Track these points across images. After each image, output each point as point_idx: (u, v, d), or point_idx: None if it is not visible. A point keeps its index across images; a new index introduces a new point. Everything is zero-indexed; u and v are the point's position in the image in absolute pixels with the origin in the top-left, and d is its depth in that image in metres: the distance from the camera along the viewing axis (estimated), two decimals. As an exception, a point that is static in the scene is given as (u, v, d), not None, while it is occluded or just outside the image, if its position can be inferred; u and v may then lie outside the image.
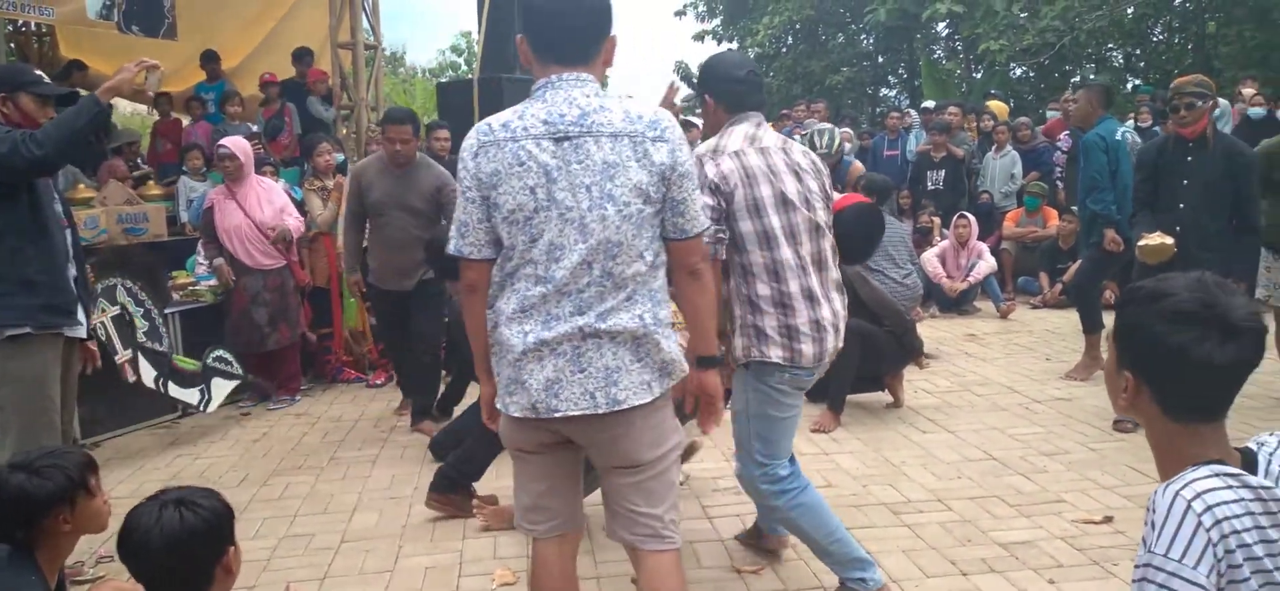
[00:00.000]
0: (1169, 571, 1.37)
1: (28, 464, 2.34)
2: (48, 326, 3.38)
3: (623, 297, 2.11)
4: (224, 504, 2.10)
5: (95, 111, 3.26)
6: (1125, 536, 3.57)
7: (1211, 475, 1.42)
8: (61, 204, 3.59)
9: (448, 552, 3.68)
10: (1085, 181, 5.94)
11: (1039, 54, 16.99)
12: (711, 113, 3.00)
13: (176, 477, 4.75)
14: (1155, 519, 1.42)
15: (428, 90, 26.36)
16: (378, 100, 10.80)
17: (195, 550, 2.00)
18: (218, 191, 6.10)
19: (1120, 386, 1.56)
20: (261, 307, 5.94)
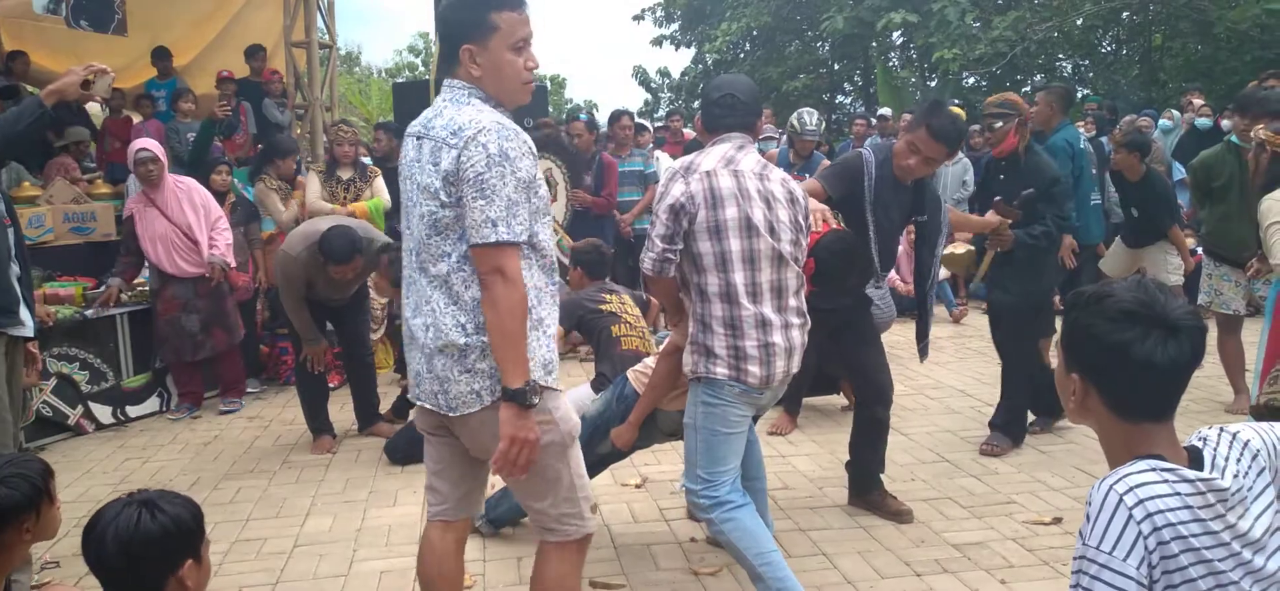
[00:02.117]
0: (1100, 563, 1.41)
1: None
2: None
3: (437, 299, 2.24)
4: (192, 516, 2.02)
5: (37, 113, 3.19)
6: (1074, 537, 3.63)
7: (1147, 469, 1.45)
8: (4, 202, 3.49)
9: (403, 556, 3.65)
10: None
11: (991, 63, 17.25)
12: (700, 134, 3.11)
13: (126, 482, 4.66)
14: (1090, 512, 1.46)
15: (384, 90, 26.10)
16: (333, 100, 10.71)
17: (146, 555, 1.94)
18: (136, 199, 5.89)
19: (1069, 389, 1.59)
20: (192, 315, 5.79)
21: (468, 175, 2.12)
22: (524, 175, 2.15)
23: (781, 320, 2.91)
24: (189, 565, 1.98)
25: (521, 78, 2.27)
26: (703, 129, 3.20)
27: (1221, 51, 15.07)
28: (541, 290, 2.24)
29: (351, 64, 32.96)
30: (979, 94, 19.25)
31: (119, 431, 5.67)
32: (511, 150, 2.13)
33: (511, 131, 2.16)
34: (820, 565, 3.47)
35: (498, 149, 2.12)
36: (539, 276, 2.24)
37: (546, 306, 2.26)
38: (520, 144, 2.16)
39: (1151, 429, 1.53)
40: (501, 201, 2.11)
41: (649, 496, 4.21)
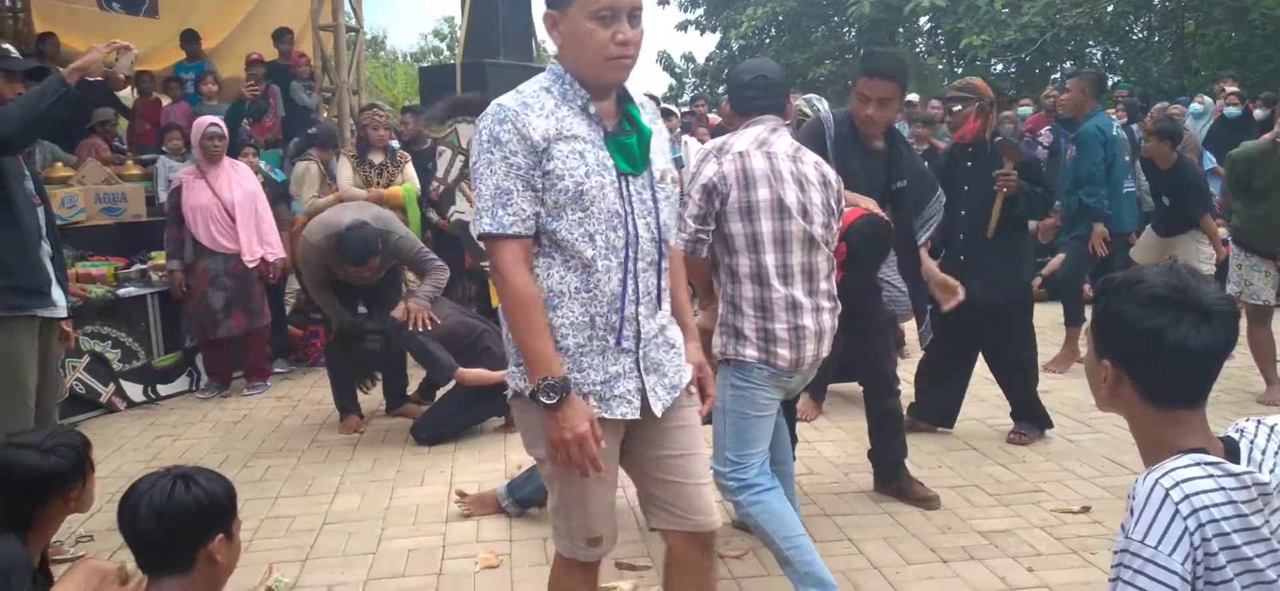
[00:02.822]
0: (1145, 557, 1.39)
1: (35, 444, 2.34)
2: (18, 308, 3.29)
3: None
4: (225, 492, 2.06)
5: (60, 92, 3.17)
6: (1103, 526, 3.62)
7: (1192, 463, 1.44)
8: (34, 182, 3.51)
9: (431, 535, 3.68)
10: (1078, 173, 5.97)
11: (1020, 50, 17.10)
12: (729, 118, 3.09)
13: (157, 459, 4.73)
14: (1134, 505, 1.44)
15: (409, 74, 26.21)
16: (359, 83, 10.76)
17: (178, 526, 1.98)
18: (188, 171, 6.00)
19: (1100, 376, 1.57)
20: (218, 292, 5.84)
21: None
22: (521, 163, 1.96)
23: (812, 303, 2.90)
24: (220, 539, 2.02)
25: (605, 51, 1.98)
26: (732, 113, 3.18)
27: (1256, 38, 14.86)
28: (561, 294, 2.02)
29: (377, 48, 33.10)
30: (1008, 80, 19.11)
31: (150, 409, 5.75)
32: (505, 134, 1.96)
33: (512, 113, 1.97)
34: (846, 550, 3.47)
35: (489, 135, 1.98)
36: (561, 276, 2.02)
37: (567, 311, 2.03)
38: (518, 130, 1.96)
39: (1184, 416, 1.52)
40: (488, 190, 1.98)
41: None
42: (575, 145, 2.00)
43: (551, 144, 1.97)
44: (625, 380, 2.07)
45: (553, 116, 2.00)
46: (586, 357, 2.04)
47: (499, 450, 4.72)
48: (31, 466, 2.29)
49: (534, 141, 1.96)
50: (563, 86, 2.04)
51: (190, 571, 2.01)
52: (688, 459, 2.23)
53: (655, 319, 2.11)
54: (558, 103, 2.02)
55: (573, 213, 1.99)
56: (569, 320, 2.02)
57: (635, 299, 2.05)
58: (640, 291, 2.06)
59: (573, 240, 2.00)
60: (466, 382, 4.82)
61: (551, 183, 1.97)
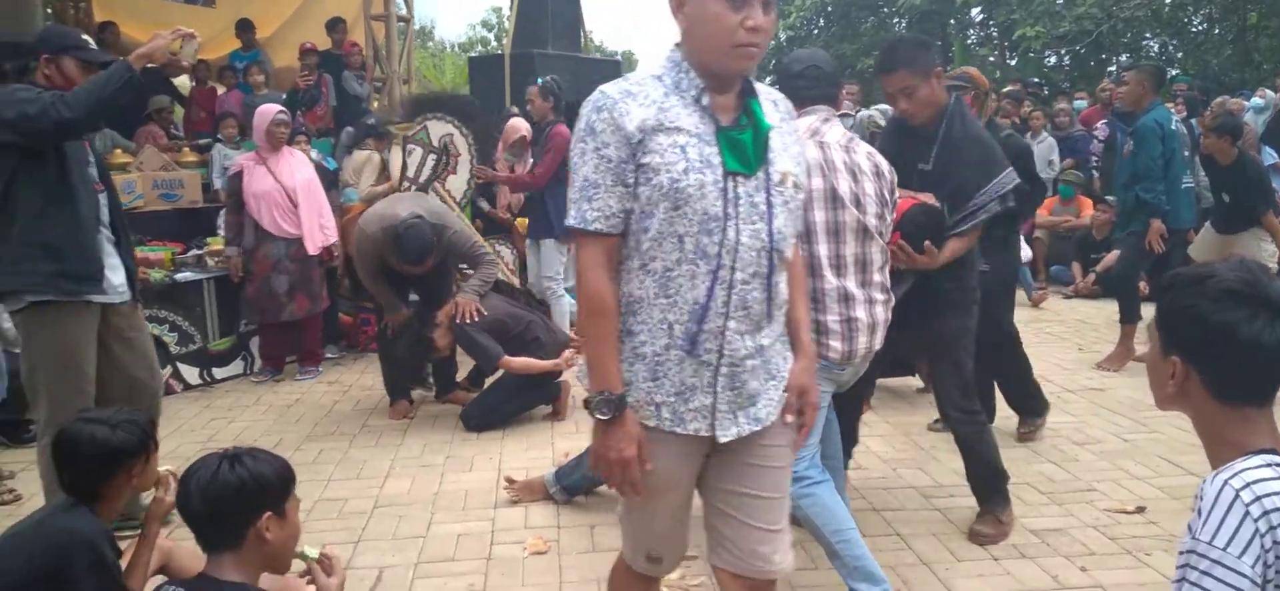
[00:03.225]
0: (1213, 559, 1.36)
1: (105, 420, 2.42)
2: (70, 294, 3.31)
3: None
4: (273, 473, 2.10)
5: (126, 77, 3.17)
6: (1158, 527, 3.55)
7: (1264, 464, 1.41)
8: (99, 168, 3.54)
9: (480, 521, 3.72)
10: (1136, 168, 5.85)
11: (1075, 41, 16.79)
12: None
13: (213, 440, 4.83)
14: (1202, 506, 1.41)
15: (457, 65, 26.40)
16: (409, 73, 10.87)
17: (221, 506, 2.05)
18: (248, 157, 6.09)
19: (1167, 373, 1.54)
20: (281, 276, 5.93)
21: None
22: (612, 155, 1.84)
23: (865, 295, 2.88)
24: (268, 518, 2.07)
25: (733, 38, 1.82)
26: None
27: (1322, 30, 14.44)
28: (641, 300, 1.90)
29: (425, 38, 33.40)
30: (1061, 73, 18.81)
31: (205, 392, 5.86)
32: (600, 124, 1.84)
33: (610, 102, 1.85)
34: (895, 545, 3.45)
35: (585, 123, 1.88)
36: (640, 281, 1.89)
37: (646, 316, 1.90)
38: (613, 120, 1.83)
39: (1253, 414, 1.49)
40: (577, 182, 1.88)
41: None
42: (677, 138, 1.84)
43: (649, 136, 1.83)
44: (701, 394, 1.92)
45: (657, 106, 1.86)
46: (664, 365, 1.91)
47: (546, 438, 4.75)
48: (100, 441, 2.36)
49: (628, 132, 1.82)
50: (677, 75, 1.89)
51: (241, 549, 2.07)
52: (761, 501, 2.07)
53: (754, 338, 1.93)
54: (667, 92, 1.88)
55: (664, 211, 1.84)
56: (648, 326, 1.90)
57: (725, 311, 1.88)
58: (733, 304, 1.88)
59: (659, 240, 1.86)
60: (513, 371, 4.87)
61: (646, 177, 1.83)
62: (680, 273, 1.86)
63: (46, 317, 3.31)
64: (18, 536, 2.31)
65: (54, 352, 3.32)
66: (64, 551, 2.20)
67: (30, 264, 3.25)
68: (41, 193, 3.26)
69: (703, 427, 1.94)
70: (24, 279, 3.27)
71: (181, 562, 2.58)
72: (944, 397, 3.53)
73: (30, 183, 3.24)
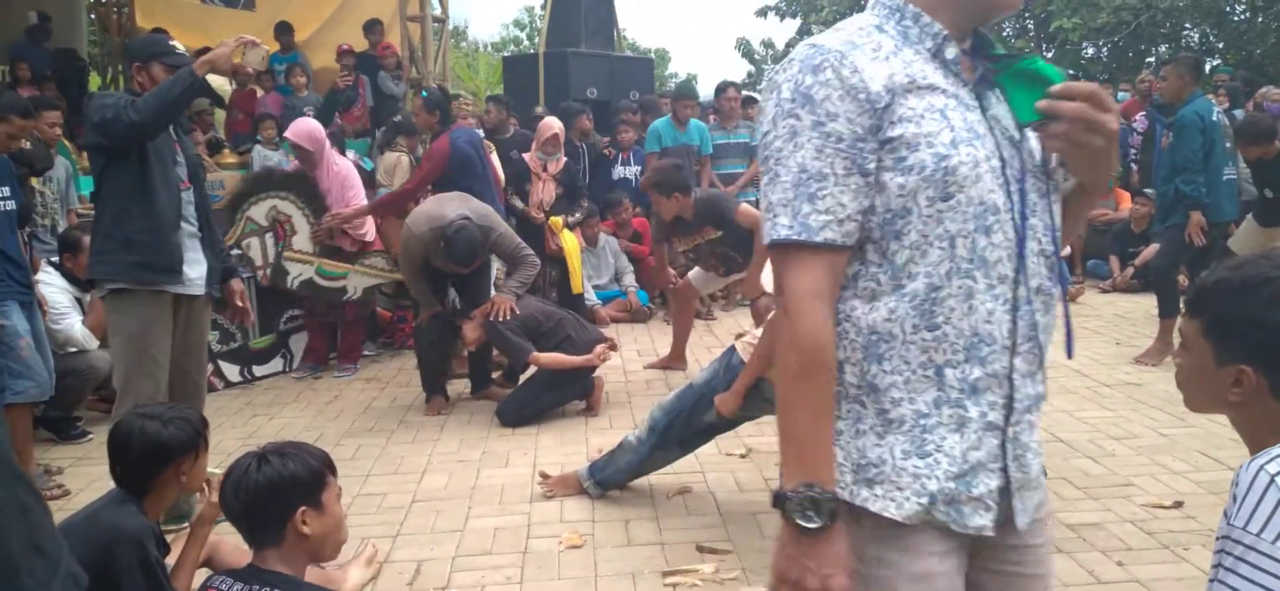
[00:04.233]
0: (1247, 545, 1.35)
1: (158, 415, 2.50)
2: (144, 282, 3.54)
3: None
4: (305, 469, 2.17)
5: (189, 82, 3.40)
6: (1196, 522, 3.52)
7: None
8: (189, 166, 3.73)
9: (516, 515, 3.77)
10: (1176, 161, 5.78)
11: (1114, 33, 16.56)
12: None
13: (254, 436, 4.92)
14: (1238, 492, 1.40)
15: (491, 64, 26.56)
16: (445, 73, 10.97)
17: (254, 503, 2.15)
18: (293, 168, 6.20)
19: (1227, 381, 1.48)
20: None
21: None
22: (844, 131, 1.29)
23: None
24: (303, 512, 2.14)
25: None
26: None
27: (1369, 18, 14.12)
28: (890, 336, 1.33)
29: (459, 38, 33.63)
30: (1098, 65, 18.56)
31: (246, 389, 5.97)
32: (822, 88, 1.29)
33: (835, 56, 1.30)
34: (929, 540, 3.44)
35: (794, 90, 1.30)
36: (890, 306, 1.33)
37: (899, 360, 1.33)
38: (842, 79, 1.29)
39: None
40: (788, 175, 1.30)
41: (754, 466, 4.23)
42: (933, 100, 1.32)
43: (897, 97, 1.30)
44: (986, 474, 1.36)
45: (895, 59, 1.33)
46: (933, 434, 1.34)
47: (581, 433, 4.79)
48: (152, 435, 2.43)
49: (872, 93, 1.29)
50: (903, 22, 1.38)
51: (282, 543, 2.15)
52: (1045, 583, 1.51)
53: (1034, 382, 1.42)
54: (899, 43, 1.36)
55: (928, 203, 1.30)
56: (904, 375, 1.33)
57: (1011, 345, 1.37)
58: (1021, 334, 1.37)
59: (920, 248, 1.32)
60: (541, 366, 4.92)
61: (898, 158, 1.29)
62: (952, 291, 1.32)
63: (123, 304, 3.56)
64: (70, 531, 2.39)
65: (127, 337, 3.57)
66: (109, 548, 2.27)
67: (113, 255, 3.53)
68: (125, 189, 3.51)
69: (987, 524, 1.36)
70: (107, 268, 3.56)
71: (226, 557, 2.65)
72: None
73: (116, 180, 3.52)
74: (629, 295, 7.77)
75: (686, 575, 3.21)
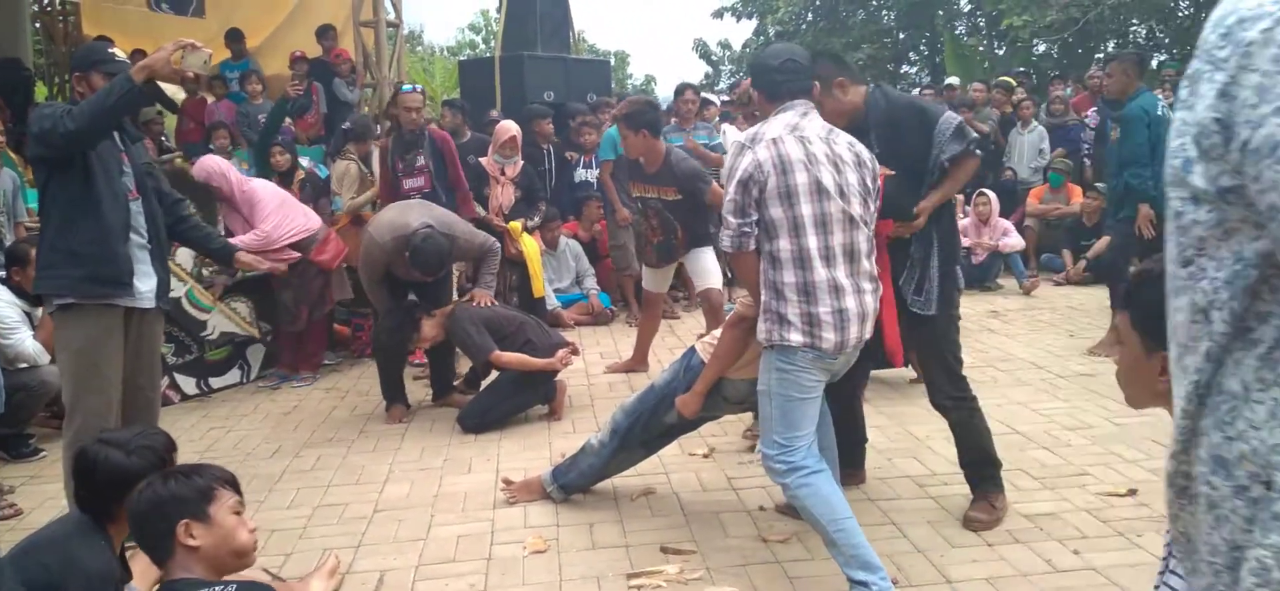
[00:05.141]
0: None
1: (123, 443, 2.50)
2: (91, 296, 3.43)
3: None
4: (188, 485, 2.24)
5: (126, 89, 3.24)
6: (1149, 509, 3.59)
7: None
8: (136, 176, 3.60)
9: (479, 522, 3.75)
10: (1124, 155, 5.90)
11: (1063, 30, 16.84)
12: (759, 104, 3.10)
13: (211, 449, 4.85)
14: None
15: (447, 69, 26.39)
16: (400, 78, 10.88)
17: (142, 521, 2.25)
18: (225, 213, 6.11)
19: (1155, 370, 1.54)
20: (286, 290, 6.00)
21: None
22: None
23: (854, 285, 2.92)
24: (186, 523, 2.19)
25: None
26: (762, 99, 3.08)
27: (1307, 12, 14.49)
28: None
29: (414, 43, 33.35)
30: (1049, 61, 18.86)
31: (203, 402, 5.88)
32: None
33: None
34: (891, 534, 3.48)
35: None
36: None
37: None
38: None
39: None
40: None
41: (717, 465, 4.25)
42: None
43: None
44: None
45: None
46: None
47: (544, 438, 4.78)
48: (115, 465, 2.44)
49: None
50: None
51: (173, 556, 2.21)
52: None
53: None
54: None
55: None
56: None
57: None
58: None
59: None
60: (503, 366, 4.90)
61: None
62: None
63: (71, 319, 3.45)
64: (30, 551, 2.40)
65: (75, 353, 3.46)
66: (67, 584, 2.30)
67: (59, 268, 3.42)
68: (69, 201, 3.41)
69: None
70: (54, 283, 3.45)
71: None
72: (934, 387, 3.61)
73: (60, 191, 3.41)
74: (591, 298, 7.76)
75: (651, 576, 3.21)
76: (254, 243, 5.76)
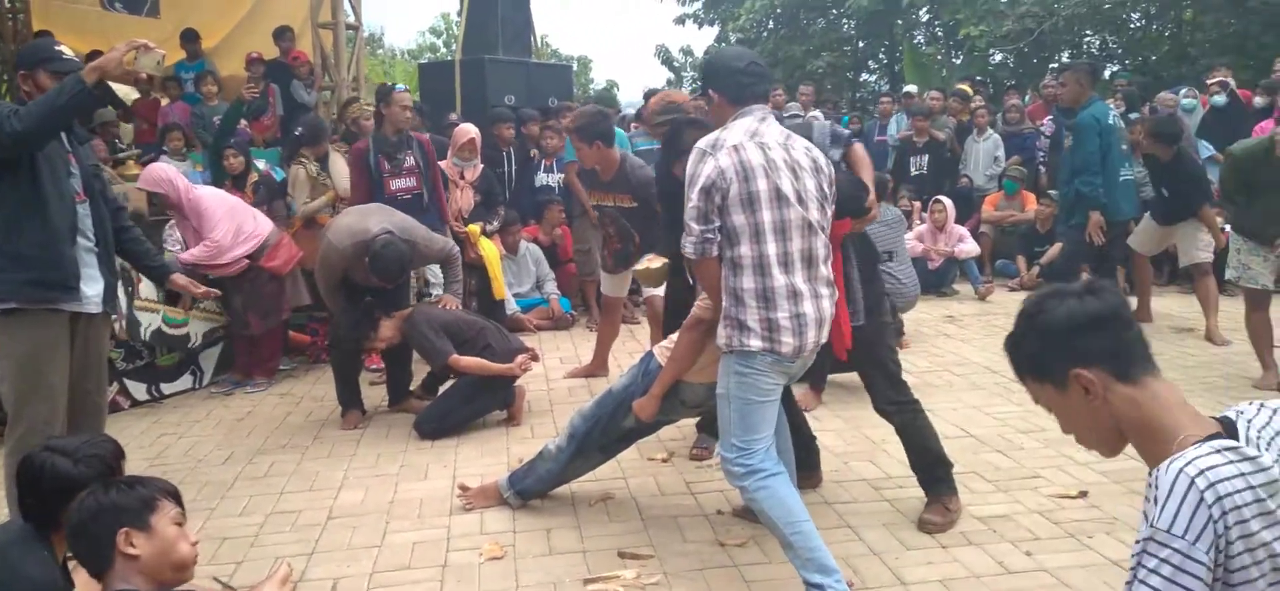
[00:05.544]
0: (1173, 547, 1.40)
1: (70, 451, 2.44)
2: (36, 301, 3.33)
3: None
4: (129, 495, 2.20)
5: (76, 90, 3.16)
6: (1100, 511, 3.65)
7: (1212, 450, 1.44)
8: (83, 178, 3.51)
9: (435, 528, 3.71)
10: (1075, 163, 6.00)
11: (1018, 39, 17.08)
12: (717, 107, 3.03)
13: (161, 457, 4.76)
14: (1157, 494, 1.44)
15: (408, 71, 26.21)
16: (359, 81, 10.79)
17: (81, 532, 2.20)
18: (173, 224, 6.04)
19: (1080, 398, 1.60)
20: (235, 296, 5.93)
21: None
22: None
23: (811, 290, 2.93)
24: (126, 532, 2.15)
25: None
26: (722, 103, 3.03)
27: (1254, 25, 14.82)
28: None
29: (375, 45, 33.10)
30: (1005, 71, 19.11)
31: (154, 408, 5.77)
32: None
33: None
34: (846, 536, 3.50)
35: None
36: None
37: None
38: None
39: (1157, 387, 1.57)
40: None
41: (675, 470, 4.25)
42: None
43: None
44: None
45: None
46: None
47: (502, 444, 4.75)
48: (61, 473, 2.38)
49: None
50: None
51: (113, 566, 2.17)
52: None
53: None
54: None
55: None
56: None
57: None
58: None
59: None
60: (461, 370, 4.86)
61: None
62: None
63: (14, 325, 3.34)
64: None
65: (19, 360, 3.35)
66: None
67: (3, 272, 3.30)
68: (14, 203, 3.29)
69: None
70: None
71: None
72: (876, 393, 3.69)
73: (5, 193, 3.29)
74: (551, 302, 7.74)
75: (608, 582, 3.21)
76: (204, 255, 5.70)
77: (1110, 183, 5.91)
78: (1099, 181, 5.80)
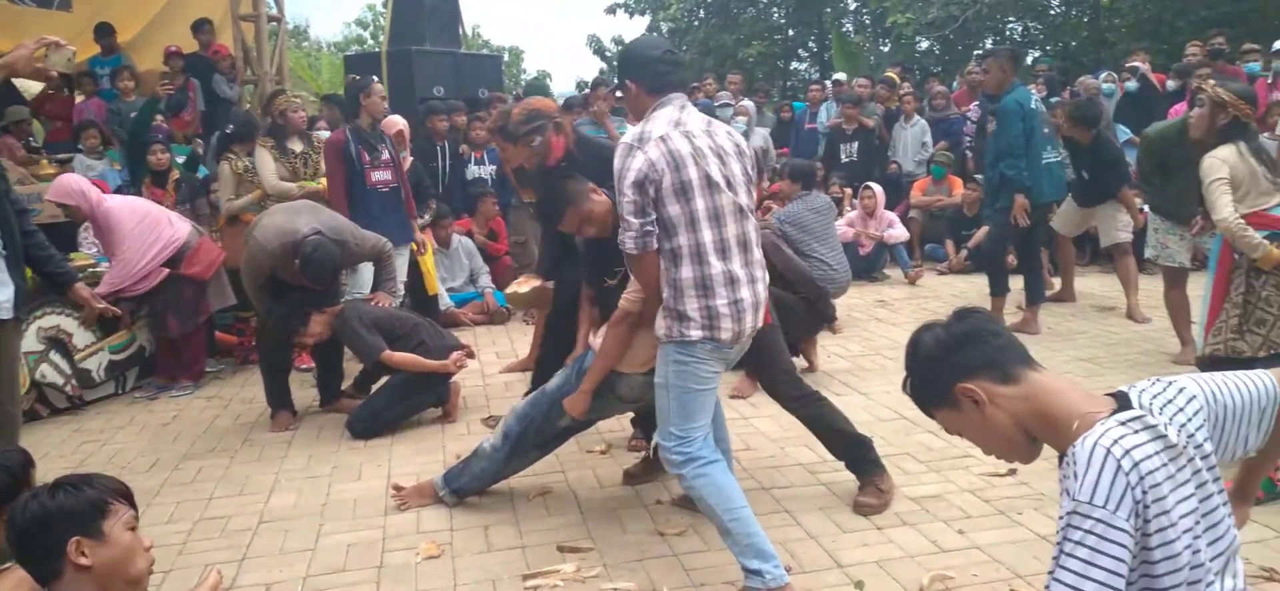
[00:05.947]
0: (1095, 517, 1.46)
1: None
2: None
3: None
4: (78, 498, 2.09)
5: None
6: (1028, 487, 3.74)
7: (1119, 423, 1.53)
8: None
9: (370, 529, 3.65)
10: (999, 147, 6.12)
11: (944, 27, 17.41)
12: (635, 98, 2.98)
13: (83, 464, 4.60)
14: (1077, 469, 1.50)
15: (334, 64, 25.73)
16: (282, 74, 10.54)
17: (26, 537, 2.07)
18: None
19: (973, 405, 1.71)
20: (156, 296, 5.75)
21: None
22: None
23: (747, 275, 2.94)
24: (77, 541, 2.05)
25: None
26: (641, 93, 2.98)
27: (1168, 10, 15.31)
28: None
29: (300, 38, 32.43)
30: (931, 58, 19.48)
31: (74, 414, 5.58)
32: None
33: None
34: (784, 522, 3.53)
35: None
36: None
37: None
38: None
39: (1039, 378, 1.68)
40: None
41: (614, 461, 4.24)
42: None
43: None
44: None
45: None
46: None
47: (438, 441, 4.69)
48: None
49: None
50: None
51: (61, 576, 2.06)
52: None
53: None
54: None
55: None
56: None
57: None
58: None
59: None
60: (394, 365, 4.78)
61: None
62: None
63: None
64: None
65: None
66: None
67: None
68: None
69: None
70: None
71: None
72: (776, 392, 3.78)
73: None
74: (486, 296, 7.66)
75: (547, 576, 3.19)
76: (116, 280, 5.57)
77: (1034, 166, 6.05)
78: (1023, 165, 5.93)
